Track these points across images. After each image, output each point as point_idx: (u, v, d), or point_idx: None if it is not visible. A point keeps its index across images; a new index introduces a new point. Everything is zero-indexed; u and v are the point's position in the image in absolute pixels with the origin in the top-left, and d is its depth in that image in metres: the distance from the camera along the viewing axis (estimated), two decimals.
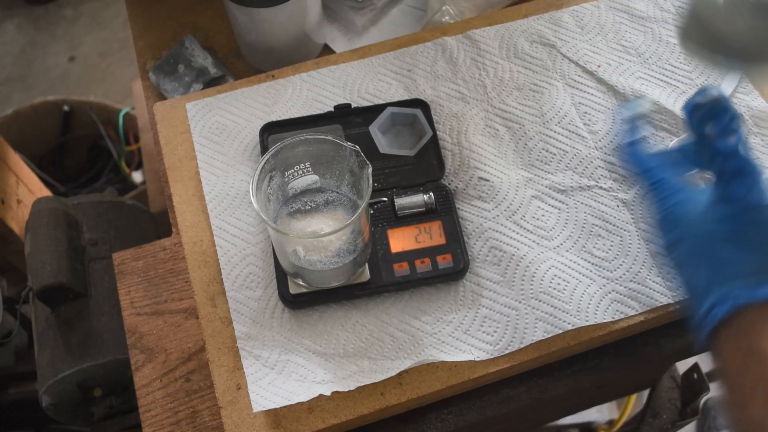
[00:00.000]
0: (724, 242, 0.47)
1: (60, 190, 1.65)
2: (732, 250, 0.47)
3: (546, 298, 0.62)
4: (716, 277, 0.46)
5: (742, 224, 0.47)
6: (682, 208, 0.50)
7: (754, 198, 0.47)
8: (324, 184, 0.62)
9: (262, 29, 0.76)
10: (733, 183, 0.48)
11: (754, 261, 0.46)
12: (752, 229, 0.47)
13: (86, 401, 0.93)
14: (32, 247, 0.92)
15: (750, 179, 0.47)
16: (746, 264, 0.46)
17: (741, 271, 0.46)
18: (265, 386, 0.59)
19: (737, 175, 0.48)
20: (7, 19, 2.25)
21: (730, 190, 0.48)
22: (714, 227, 0.48)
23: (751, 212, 0.47)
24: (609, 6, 0.78)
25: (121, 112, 1.62)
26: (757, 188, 0.47)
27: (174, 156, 0.70)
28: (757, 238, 0.47)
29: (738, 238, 0.47)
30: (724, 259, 0.47)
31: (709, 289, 0.46)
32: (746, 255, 0.46)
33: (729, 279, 0.46)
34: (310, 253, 0.58)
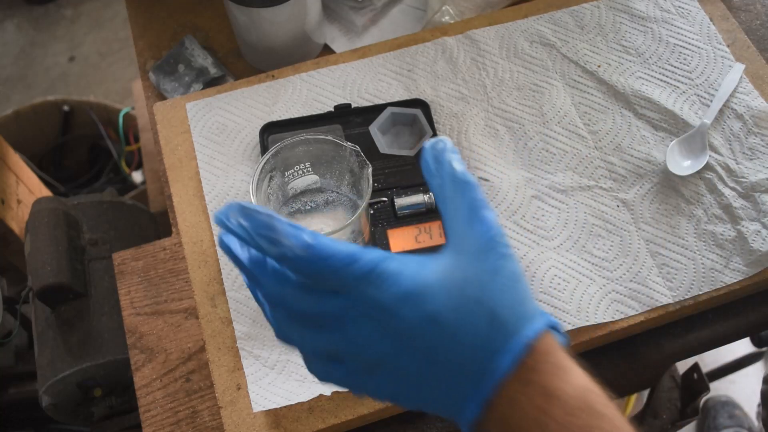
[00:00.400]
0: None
1: (60, 190, 1.65)
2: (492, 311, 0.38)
3: (546, 298, 0.62)
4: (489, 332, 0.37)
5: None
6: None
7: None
8: (324, 184, 0.61)
9: (262, 29, 0.76)
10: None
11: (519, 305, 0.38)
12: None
13: (86, 401, 0.93)
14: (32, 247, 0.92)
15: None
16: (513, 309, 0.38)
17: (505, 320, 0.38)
18: (265, 386, 0.59)
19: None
20: (7, 19, 2.25)
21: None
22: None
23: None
24: (609, 6, 0.78)
25: (121, 112, 1.62)
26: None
27: (174, 156, 0.70)
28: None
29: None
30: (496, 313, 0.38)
31: (490, 343, 0.37)
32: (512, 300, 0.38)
33: (498, 331, 0.37)
34: None
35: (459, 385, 0.38)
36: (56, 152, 1.72)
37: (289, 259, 0.37)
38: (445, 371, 0.38)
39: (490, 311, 0.37)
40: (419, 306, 0.37)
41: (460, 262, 0.38)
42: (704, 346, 0.67)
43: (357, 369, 0.39)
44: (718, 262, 0.64)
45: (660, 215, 0.66)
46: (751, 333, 0.70)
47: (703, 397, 0.81)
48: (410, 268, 0.37)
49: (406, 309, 0.37)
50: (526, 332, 0.37)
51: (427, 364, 0.38)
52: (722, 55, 0.74)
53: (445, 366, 0.38)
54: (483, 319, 0.37)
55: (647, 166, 0.68)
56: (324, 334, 0.39)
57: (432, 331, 0.37)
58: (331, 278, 0.37)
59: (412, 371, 0.38)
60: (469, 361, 0.37)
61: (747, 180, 0.67)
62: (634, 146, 0.70)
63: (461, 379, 0.38)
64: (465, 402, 0.38)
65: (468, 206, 0.40)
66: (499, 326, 0.37)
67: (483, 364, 0.37)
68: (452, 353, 0.37)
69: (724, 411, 1.49)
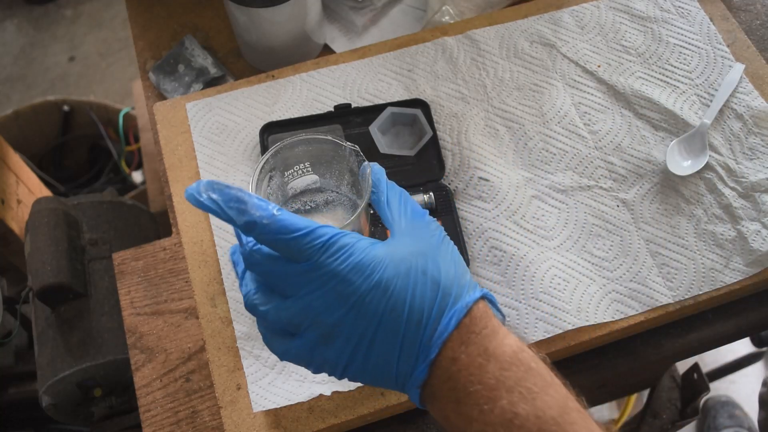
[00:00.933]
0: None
1: (60, 190, 1.65)
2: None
3: (546, 298, 0.62)
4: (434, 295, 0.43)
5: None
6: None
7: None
8: (324, 184, 0.61)
9: (262, 29, 0.76)
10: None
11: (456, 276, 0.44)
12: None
13: (86, 401, 0.93)
14: (32, 247, 0.92)
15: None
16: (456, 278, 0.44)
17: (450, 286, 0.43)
18: (265, 386, 0.59)
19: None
20: (7, 19, 2.25)
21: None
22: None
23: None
24: (609, 6, 0.78)
25: (121, 112, 1.62)
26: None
27: (174, 156, 0.70)
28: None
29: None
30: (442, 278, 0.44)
31: (435, 306, 0.43)
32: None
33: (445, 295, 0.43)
34: None
35: (407, 348, 0.43)
36: (56, 152, 1.72)
37: (257, 227, 0.41)
38: (395, 334, 0.42)
39: (435, 280, 0.43)
40: (371, 274, 0.42)
41: (405, 241, 0.45)
42: (704, 346, 0.67)
43: (313, 340, 0.43)
44: (718, 262, 0.64)
45: (660, 215, 0.66)
46: (751, 333, 0.70)
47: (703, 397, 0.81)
48: (363, 243, 0.43)
49: (360, 277, 0.42)
50: (467, 299, 0.43)
51: (379, 329, 0.42)
52: (722, 55, 0.74)
53: (395, 329, 0.42)
54: (428, 286, 0.43)
55: (647, 166, 0.68)
56: (286, 302, 0.43)
57: (383, 297, 0.42)
58: (293, 247, 0.41)
59: (365, 336, 0.42)
60: (416, 324, 0.42)
61: (747, 180, 0.67)
62: (634, 146, 0.70)
63: (409, 342, 0.42)
64: (413, 365, 0.43)
65: (398, 202, 0.48)
66: (443, 293, 0.43)
67: (429, 326, 0.42)
68: (401, 317, 0.42)
69: (724, 411, 1.49)
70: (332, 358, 0.44)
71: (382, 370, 0.44)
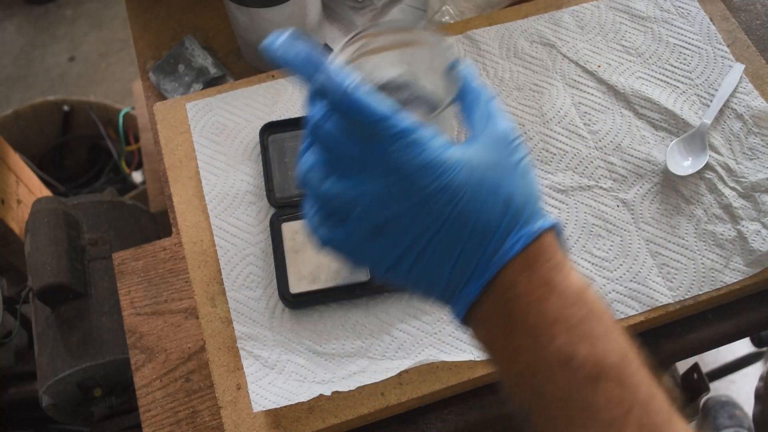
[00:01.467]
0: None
1: (60, 190, 1.65)
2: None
3: None
4: (507, 210, 0.40)
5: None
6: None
7: None
8: (409, 79, 0.53)
9: (262, 29, 0.76)
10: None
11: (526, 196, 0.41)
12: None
13: (86, 401, 0.93)
14: (32, 247, 0.92)
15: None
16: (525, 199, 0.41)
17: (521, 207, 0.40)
18: (265, 386, 0.59)
19: None
20: (7, 19, 2.25)
21: None
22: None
23: None
24: (609, 6, 0.78)
25: (121, 112, 1.62)
26: None
27: (174, 156, 0.70)
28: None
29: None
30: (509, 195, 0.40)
31: (502, 224, 0.39)
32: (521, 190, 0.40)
33: (518, 213, 0.40)
34: None
35: (464, 262, 0.39)
36: (56, 152, 1.72)
37: (330, 95, 0.38)
38: (454, 245, 0.39)
39: (508, 197, 0.39)
40: (441, 176, 0.38)
41: (482, 149, 0.40)
42: (704, 346, 0.67)
43: (363, 231, 0.40)
44: (718, 262, 0.64)
45: (660, 215, 0.66)
46: (751, 333, 0.70)
47: (703, 397, 0.81)
48: (439, 141, 0.39)
49: (428, 177, 0.38)
50: (538, 224, 0.39)
51: (437, 235, 0.39)
52: (722, 55, 0.74)
53: (455, 239, 0.39)
54: (499, 203, 0.39)
55: (647, 166, 0.68)
56: (344, 181, 0.40)
57: (449, 202, 0.38)
58: (363, 127, 0.38)
59: (420, 240, 0.39)
60: (479, 238, 0.39)
61: (747, 180, 0.67)
62: (634, 146, 0.70)
63: (468, 255, 0.39)
64: (467, 281, 0.39)
65: (487, 110, 0.43)
66: (513, 213, 0.39)
67: (492, 243, 0.39)
68: (464, 228, 0.38)
69: (724, 411, 1.49)
70: (377, 255, 0.40)
71: (429, 280, 0.40)
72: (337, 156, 0.40)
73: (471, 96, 0.44)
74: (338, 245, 0.42)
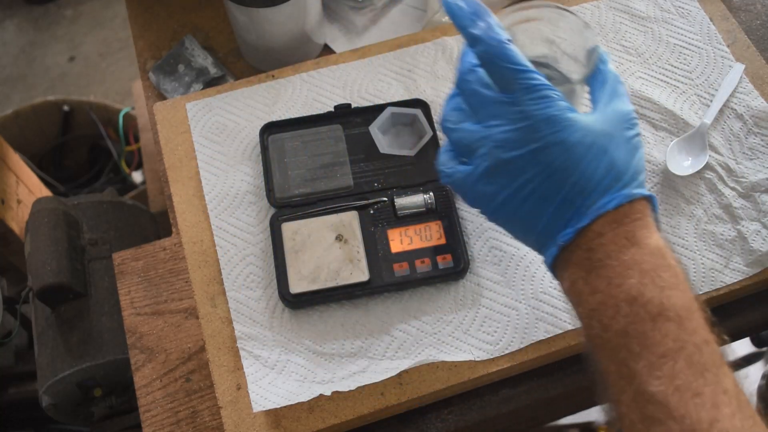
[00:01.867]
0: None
1: (60, 190, 1.65)
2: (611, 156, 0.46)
3: (546, 298, 0.62)
4: (610, 174, 0.46)
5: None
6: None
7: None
8: (549, 62, 0.59)
9: (262, 29, 0.76)
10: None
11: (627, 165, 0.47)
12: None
13: (86, 401, 0.93)
14: (32, 247, 0.92)
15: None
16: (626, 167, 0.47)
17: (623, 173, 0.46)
18: (265, 386, 0.59)
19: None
20: (7, 19, 2.25)
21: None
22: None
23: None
24: (609, 6, 0.78)
25: (121, 112, 1.63)
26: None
27: (174, 156, 0.70)
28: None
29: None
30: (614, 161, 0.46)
31: (602, 182, 0.45)
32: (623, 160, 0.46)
33: (617, 178, 0.46)
34: None
35: (563, 208, 0.45)
36: (56, 152, 1.72)
37: (482, 44, 0.46)
38: (557, 192, 0.45)
39: (612, 162, 0.45)
40: (560, 131, 0.45)
41: (599, 119, 0.47)
42: None
43: (482, 170, 0.47)
44: (718, 262, 0.64)
45: (660, 215, 0.66)
46: (751, 333, 0.70)
47: None
48: (564, 103, 0.46)
49: (549, 129, 0.45)
50: (634, 191, 0.45)
51: (546, 181, 0.45)
52: (722, 55, 0.74)
53: (559, 187, 0.45)
54: (604, 164, 0.45)
55: (647, 166, 0.68)
56: (474, 126, 0.47)
57: (561, 154, 0.45)
58: (505, 75, 0.45)
59: (531, 182, 0.45)
60: (580, 191, 0.45)
61: (747, 180, 0.67)
62: None
63: (568, 203, 0.45)
64: (563, 225, 0.45)
65: (613, 89, 0.49)
66: (614, 176, 0.45)
67: (590, 197, 0.45)
68: (569, 179, 0.45)
69: None
70: (491, 192, 0.47)
71: (530, 220, 0.47)
72: (474, 104, 0.47)
73: (602, 76, 0.51)
74: (459, 180, 0.49)
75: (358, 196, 0.66)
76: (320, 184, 0.67)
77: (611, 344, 0.43)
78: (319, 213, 0.65)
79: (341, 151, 0.69)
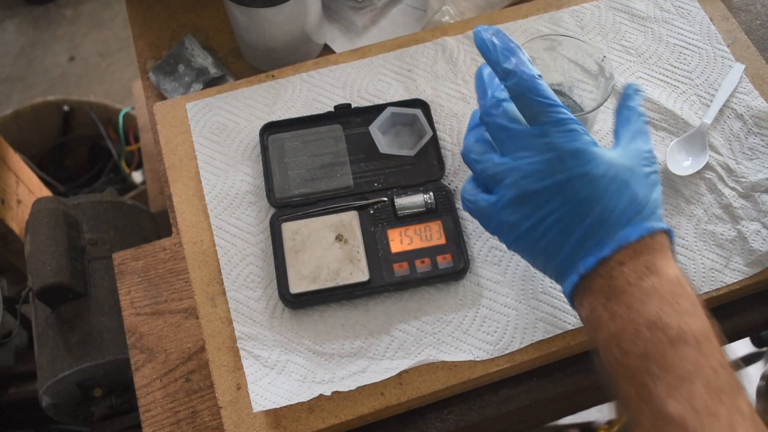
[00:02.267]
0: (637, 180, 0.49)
1: (60, 190, 1.65)
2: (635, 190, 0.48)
3: (546, 298, 0.62)
4: (632, 206, 0.48)
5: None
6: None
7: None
8: (564, 90, 0.64)
9: (262, 29, 0.76)
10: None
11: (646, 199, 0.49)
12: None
13: (86, 401, 0.93)
14: (32, 247, 0.92)
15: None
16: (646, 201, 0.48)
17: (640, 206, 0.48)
18: (265, 386, 0.59)
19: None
20: (7, 19, 2.25)
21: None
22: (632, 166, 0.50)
23: None
24: (609, 6, 0.78)
25: (121, 112, 1.63)
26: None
27: (174, 156, 0.70)
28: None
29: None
30: (636, 194, 0.48)
31: (624, 214, 0.47)
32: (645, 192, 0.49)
33: (638, 210, 0.48)
34: None
35: (585, 238, 0.47)
36: (56, 152, 1.72)
37: (515, 77, 0.48)
38: (580, 223, 0.47)
39: (633, 195, 0.47)
40: (586, 164, 0.47)
41: (621, 154, 0.49)
42: None
43: (507, 199, 0.49)
44: (718, 262, 0.64)
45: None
46: (751, 333, 0.70)
47: None
48: (589, 137, 0.48)
49: (575, 161, 0.47)
50: (655, 224, 0.47)
51: (570, 212, 0.47)
52: (722, 55, 0.74)
53: (582, 218, 0.47)
54: (626, 197, 0.47)
55: None
56: (500, 158, 0.50)
57: (586, 186, 0.47)
58: (534, 108, 0.48)
59: (554, 213, 0.47)
60: (602, 222, 0.46)
61: (747, 180, 0.67)
62: None
63: (591, 234, 0.47)
64: (585, 254, 0.47)
65: (637, 128, 0.52)
66: (636, 208, 0.47)
67: (612, 228, 0.46)
68: (592, 210, 0.46)
69: None
70: (515, 220, 0.49)
71: (552, 249, 0.48)
72: (501, 137, 0.50)
73: (628, 113, 0.53)
74: (483, 209, 0.51)
75: (358, 196, 0.66)
76: (320, 184, 0.67)
77: (631, 368, 0.44)
78: (319, 213, 0.65)
79: (341, 151, 0.69)
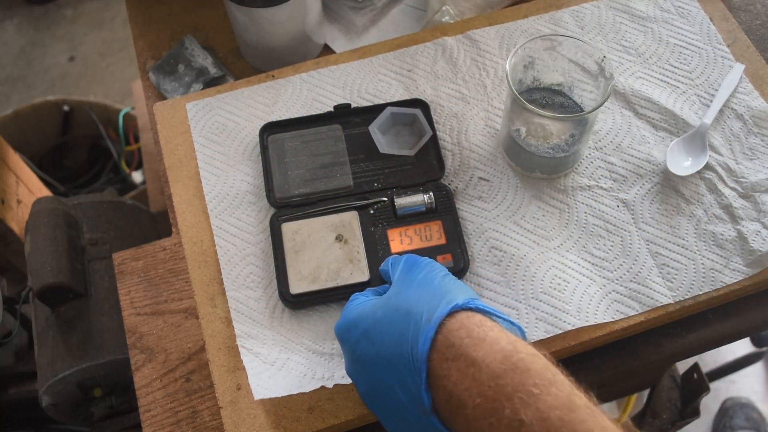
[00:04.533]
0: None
1: (60, 190, 1.65)
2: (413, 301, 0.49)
3: (546, 298, 0.62)
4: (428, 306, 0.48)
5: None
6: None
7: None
8: (564, 90, 0.65)
9: (262, 29, 0.76)
10: None
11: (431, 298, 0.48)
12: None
13: (86, 401, 0.92)
14: (32, 247, 0.92)
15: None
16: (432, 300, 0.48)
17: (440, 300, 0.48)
18: (266, 379, 0.59)
19: None
20: (7, 19, 2.25)
21: None
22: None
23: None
24: (609, 6, 0.78)
25: (121, 112, 1.62)
26: None
27: (174, 156, 0.70)
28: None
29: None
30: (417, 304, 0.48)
31: (408, 335, 0.46)
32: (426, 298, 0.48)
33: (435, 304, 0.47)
34: (530, 137, 0.65)
35: (406, 379, 0.46)
36: (56, 152, 1.72)
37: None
38: (391, 371, 0.46)
39: (405, 311, 0.47)
40: (355, 330, 0.50)
41: (389, 291, 0.51)
42: (704, 346, 0.67)
43: (353, 365, 0.51)
44: (718, 262, 0.64)
45: (660, 215, 0.66)
46: (751, 333, 0.70)
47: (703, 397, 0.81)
48: (357, 302, 0.52)
49: (349, 335, 0.50)
50: (435, 316, 0.45)
51: (376, 371, 0.48)
52: (722, 55, 0.74)
53: (389, 367, 0.46)
54: (401, 320, 0.47)
55: (647, 166, 0.68)
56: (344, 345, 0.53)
57: (370, 346, 0.48)
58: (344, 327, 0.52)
59: (371, 379, 0.48)
60: (405, 356, 0.46)
61: (747, 180, 0.67)
62: (634, 146, 0.70)
63: (407, 372, 0.46)
64: (416, 391, 0.45)
65: (396, 265, 0.55)
66: (414, 320, 0.46)
67: (413, 353, 0.45)
68: (388, 356, 0.47)
69: (741, 413, 1.49)
70: (359, 389, 0.51)
71: (395, 406, 0.47)
72: (343, 336, 0.53)
73: (396, 263, 0.55)
74: (347, 372, 0.52)
75: (358, 196, 0.66)
76: (320, 184, 0.67)
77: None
78: (319, 213, 0.65)
79: (341, 151, 0.69)
